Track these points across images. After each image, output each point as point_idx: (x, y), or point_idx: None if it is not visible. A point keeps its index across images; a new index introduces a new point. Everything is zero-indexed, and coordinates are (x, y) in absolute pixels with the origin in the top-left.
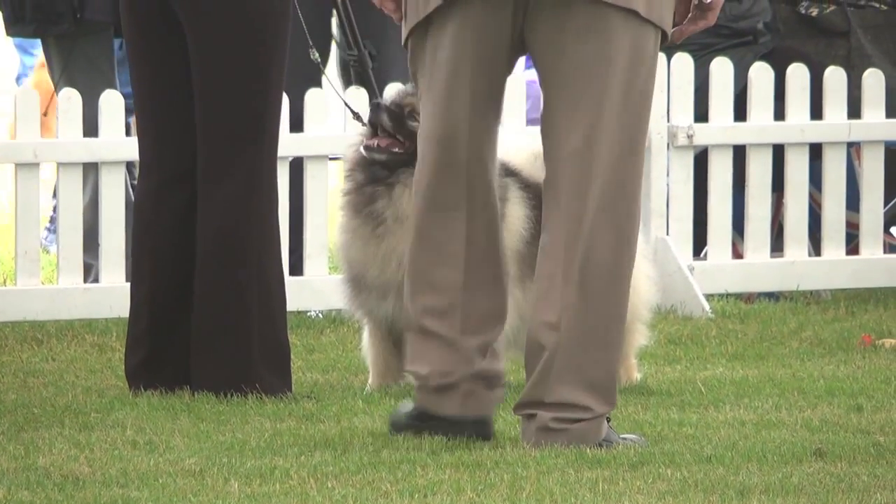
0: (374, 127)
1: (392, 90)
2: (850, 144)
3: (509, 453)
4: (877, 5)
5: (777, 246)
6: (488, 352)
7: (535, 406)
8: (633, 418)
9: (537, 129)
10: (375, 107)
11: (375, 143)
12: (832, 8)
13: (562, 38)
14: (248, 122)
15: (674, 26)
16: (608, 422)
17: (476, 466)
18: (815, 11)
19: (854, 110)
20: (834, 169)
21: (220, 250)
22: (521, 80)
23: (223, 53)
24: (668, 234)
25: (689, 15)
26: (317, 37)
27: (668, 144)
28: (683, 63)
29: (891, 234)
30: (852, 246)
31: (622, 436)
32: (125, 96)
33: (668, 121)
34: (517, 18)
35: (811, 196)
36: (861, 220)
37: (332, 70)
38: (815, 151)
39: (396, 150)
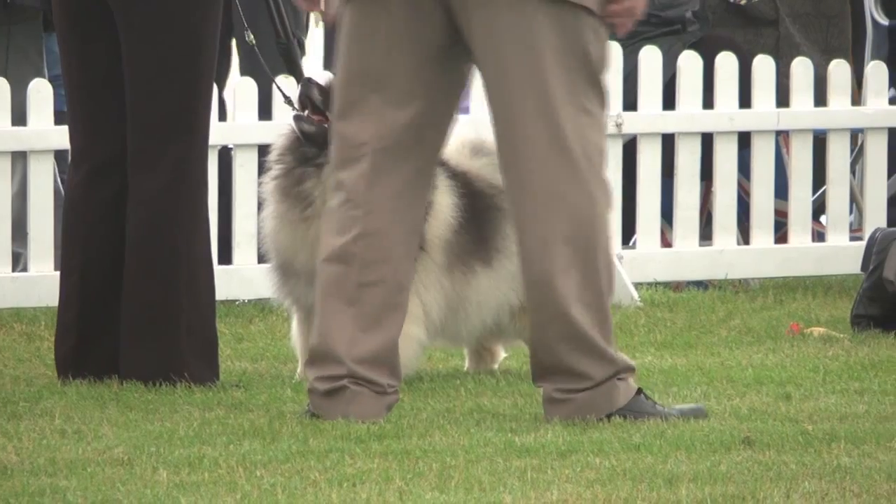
0: (303, 104)
1: (322, 74)
2: (778, 133)
3: (438, 442)
4: None
5: (706, 234)
6: None
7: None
8: None
9: (466, 117)
10: (306, 82)
11: (306, 114)
12: None
13: (491, 36)
14: (178, 112)
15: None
16: (640, 393)
17: (405, 455)
18: (743, 0)
19: (783, 99)
20: (762, 157)
21: (149, 239)
22: None
23: (153, 42)
24: None
25: None
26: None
27: None
28: (612, 51)
29: (819, 223)
30: (780, 234)
31: (676, 407)
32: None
33: None
34: (442, 15)
35: (740, 185)
36: (789, 208)
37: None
38: (744, 140)
39: (326, 125)
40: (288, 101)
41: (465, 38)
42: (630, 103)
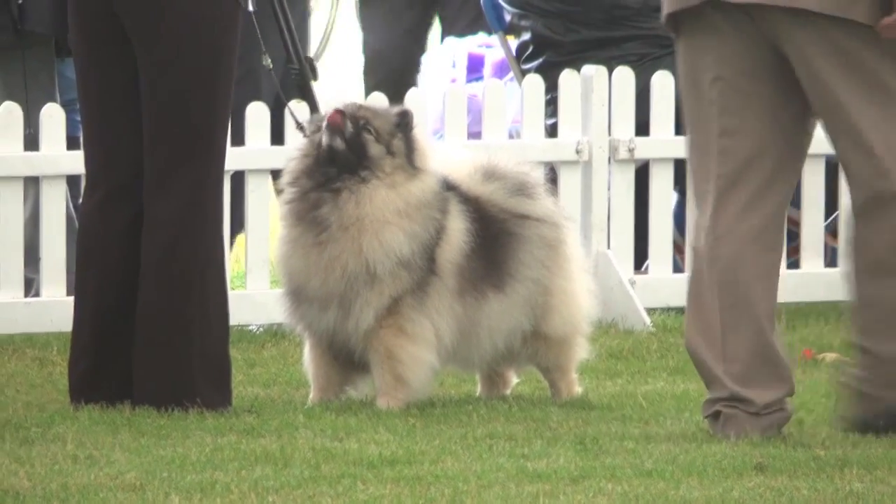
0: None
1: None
2: None
3: (450, 467)
4: None
5: None
6: None
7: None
8: (575, 432)
9: (478, 143)
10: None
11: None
12: None
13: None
14: (194, 136)
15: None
16: None
17: (417, 481)
18: None
19: None
20: None
21: (163, 264)
22: (463, 95)
23: (170, 66)
24: (608, 247)
25: None
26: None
27: (609, 158)
28: (624, 77)
29: (833, 237)
30: (793, 246)
31: None
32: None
33: (610, 134)
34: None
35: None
36: (802, 234)
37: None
38: None
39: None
40: (300, 127)
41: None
42: (640, 125)
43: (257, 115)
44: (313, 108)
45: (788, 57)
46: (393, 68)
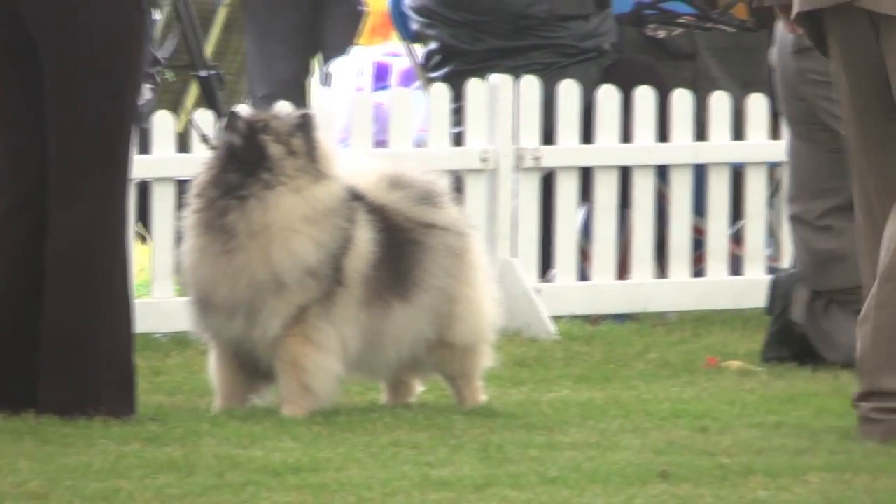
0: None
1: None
2: (696, 166)
3: (355, 475)
4: (724, 28)
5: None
6: None
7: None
8: (479, 440)
9: (385, 151)
10: (231, 115)
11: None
12: (679, 31)
13: None
14: (100, 146)
15: None
16: None
17: (321, 488)
18: (661, 34)
19: (700, 132)
20: (680, 191)
21: (69, 273)
22: (369, 103)
23: (76, 75)
24: (514, 256)
25: None
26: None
27: (515, 167)
28: (530, 86)
29: (738, 245)
30: (699, 254)
31: None
32: None
33: (515, 143)
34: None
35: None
36: (707, 242)
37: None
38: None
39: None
40: (204, 137)
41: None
42: (546, 132)
43: (163, 124)
44: (219, 116)
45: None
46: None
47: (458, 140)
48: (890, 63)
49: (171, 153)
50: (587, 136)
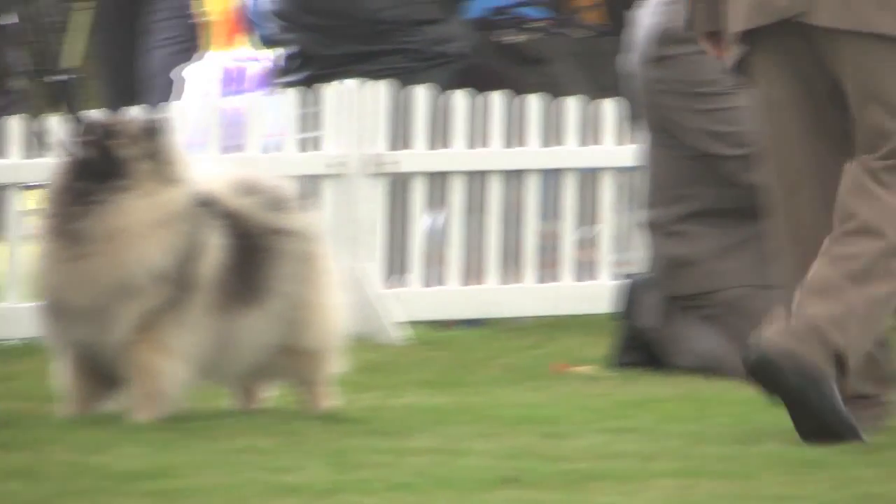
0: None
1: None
2: (548, 171)
3: (204, 481)
4: (576, 33)
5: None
6: None
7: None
8: (327, 446)
9: (237, 156)
10: (80, 121)
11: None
12: (531, 35)
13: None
14: None
15: None
16: None
17: (170, 494)
18: (514, 39)
19: (553, 137)
20: (533, 196)
21: None
22: (221, 108)
23: None
24: (366, 261)
25: None
26: None
27: (368, 172)
28: (380, 91)
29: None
30: (549, 260)
31: None
32: None
33: (369, 148)
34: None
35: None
36: (558, 248)
37: None
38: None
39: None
40: (55, 143)
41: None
42: (399, 138)
43: (14, 129)
44: (74, 123)
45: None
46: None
47: (313, 145)
48: (850, 79)
49: (23, 159)
50: (441, 140)
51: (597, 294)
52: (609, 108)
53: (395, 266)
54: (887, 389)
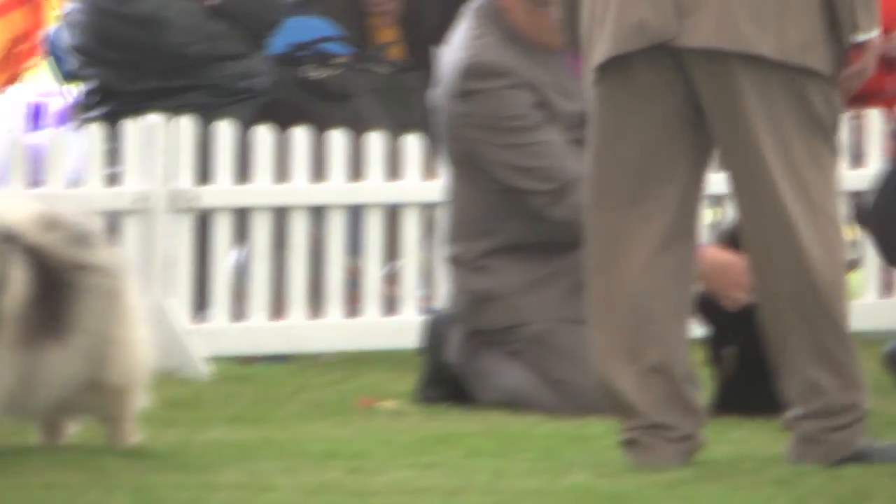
0: None
1: None
2: (352, 206)
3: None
4: (379, 69)
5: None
6: None
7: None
8: (132, 482)
9: (40, 191)
10: None
11: None
12: (335, 71)
13: (731, 105)
14: None
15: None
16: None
17: None
18: (317, 75)
19: (357, 172)
20: (336, 232)
21: None
22: (23, 143)
23: None
24: (169, 296)
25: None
26: None
27: (170, 207)
28: (186, 126)
29: (392, 285)
30: (353, 295)
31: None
32: None
33: (171, 184)
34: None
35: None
36: (363, 283)
37: None
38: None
39: None
40: None
41: (703, 108)
42: (202, 174)
43: None
44: None
45: (712, 107)
46: None
47: (114, 180)
48: (720, 101)
49: None
50: (243, 177)
51: (402, 329)
52: (413, 144)
53: (200, 301)
54: (698, 426)
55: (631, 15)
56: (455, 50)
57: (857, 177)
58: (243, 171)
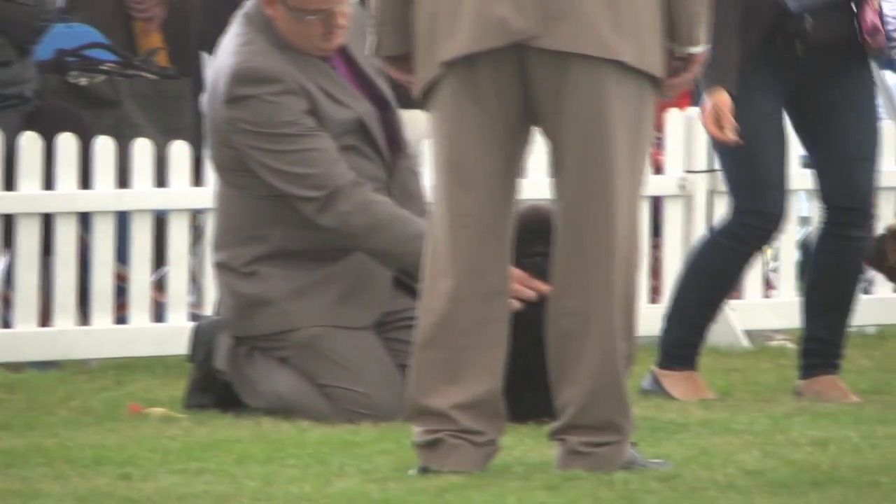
0: None
1: None
2: (119, 213)
3: None
4: (146, 75)
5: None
6: None
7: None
8: None
9: None
10: None
11: None
12: (101, 77)
13: (562, 103)
14: None
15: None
16: (633, 445)
17: None
18: (84, 81)
19: (123, 179)
20: (103, 238)
21: None
22: None
23: None
24: None
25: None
26: None
27: None
28: None
29: (160, 293)
30: (122, 301)
31: (651, 460)
32: None
33: None
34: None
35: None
36: (129, 289)
37: None
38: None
39: None
40: None
41: (534, 105)
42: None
43: None
44: None
45: (558, 110)
46: None
47: None
48: (572, 105)
49: None
50: (9, 183)
51: (170, 336)
52: (180, 150)
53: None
54: (501, 431)
55: (491, 12)
56: (224, 56)
57: None
58: (9, 177)
